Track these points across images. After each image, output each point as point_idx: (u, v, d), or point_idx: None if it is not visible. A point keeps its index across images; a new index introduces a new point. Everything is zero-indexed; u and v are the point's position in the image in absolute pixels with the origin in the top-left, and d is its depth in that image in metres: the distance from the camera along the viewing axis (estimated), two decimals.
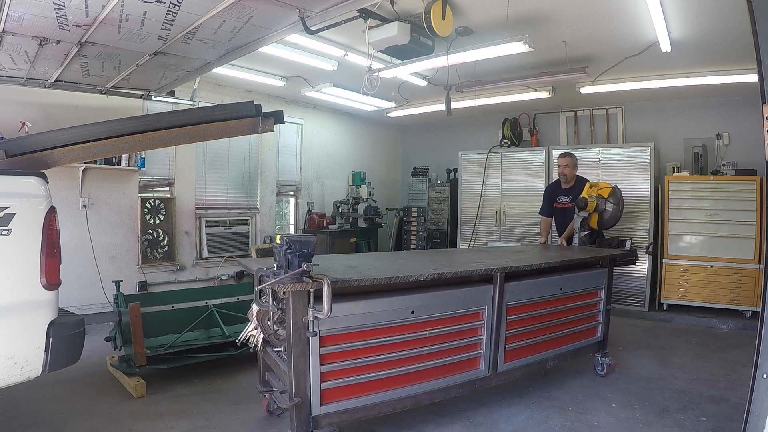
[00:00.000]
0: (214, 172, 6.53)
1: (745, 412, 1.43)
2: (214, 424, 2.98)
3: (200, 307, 4.17)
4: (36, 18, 3.13)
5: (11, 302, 2.07)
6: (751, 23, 1.47)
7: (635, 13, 3.91)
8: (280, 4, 3.07)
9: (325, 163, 8.15)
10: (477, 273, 2.96)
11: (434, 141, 9.08)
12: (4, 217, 2.04)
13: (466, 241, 7.55)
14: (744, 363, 4.15)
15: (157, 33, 3.49)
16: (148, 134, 2.72)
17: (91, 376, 3.65)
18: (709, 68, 5.12)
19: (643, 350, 4.59)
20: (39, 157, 2.46)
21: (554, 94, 6.25)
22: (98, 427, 2.88)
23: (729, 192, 5.61)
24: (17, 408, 3.07)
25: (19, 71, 4.39)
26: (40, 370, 2.16)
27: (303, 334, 2.35)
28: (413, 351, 2.75)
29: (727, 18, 3.85)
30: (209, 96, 6.22)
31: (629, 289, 6.17)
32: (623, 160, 6.21)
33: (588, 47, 4.80)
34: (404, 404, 2.76)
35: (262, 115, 2.93)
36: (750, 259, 5.51)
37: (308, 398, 2.41)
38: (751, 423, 1.40)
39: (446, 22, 3.75)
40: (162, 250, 5.87)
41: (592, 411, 3.20)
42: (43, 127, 4.18)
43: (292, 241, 2.25)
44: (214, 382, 3.64)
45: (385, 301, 2.64)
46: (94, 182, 5.22)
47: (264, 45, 3.94)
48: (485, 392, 3.41)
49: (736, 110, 6.02)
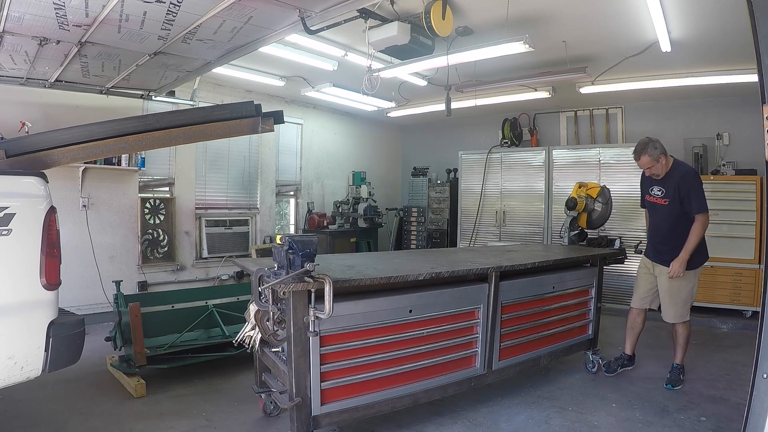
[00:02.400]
0: (214, 172, 6.52)
1: (745, 412, 1.43)
2: (214, 424, 2.98)
3: (200, 307, 4.17)
4: (36, 18, 3.13)
5: (11, 302, 2.07)
6: (751, 23, 1.47)
7: (635, 13, 3.91)
8: (280, 4, 3.07)
9: (325, 163, 8.15)
10: (473, 272, 2.99)
11: (434, 141, 9.08)
12: (4, 217, 2.04)
13: (466, 241, 7.54)
14: (744, 363, 4.15)
15: (157, 33, 3.49)
16: (148, 134, 2.72)
17: (91, 376, 3.65)
18: (709, 68, 5.12)
19: (643, 350, 4.58)
20: (39, 157, 2.46)
21: (554, 94, 6.25)
22: (98, 427, 2.88)
23: (729, 192, 5.60)
24: (17, 408, 3.07)
25: (19, 71, 4.39)
26: (40, 370, 2.15)
27: (303, 334, 2.35)
28: (411, 350, 2.77)
29: (727, 18, 3.85)
30: (209, 96, 6.22)
31: (629, 289, 6.15)
32: (623, 160, 6.20)
33: (588, 47, 4.79)
34: (403, 403, 2.77)
35: (262, 115, 2.93)
36: (750, 259, 5.50)
37: (308, 398, 2.42)
38: (751, 423, 1.40)
39: (446, 22, 3.75)
40: (162, 250, 5.87)
41: (592, 411, 3.20)
42: (43, 127, 4.18)
43: (295, 240, 2.25)
44: (214, 382, 3.64)
45: (384, 300, 2.65)
46: (94, 182, 5.22)
47: (264, 45, 3.94)
48: (485, 392, 3.41)
49: (736, 110, 6.02)
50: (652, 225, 3.78)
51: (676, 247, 3.47)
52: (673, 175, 3.53)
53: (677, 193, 3.47)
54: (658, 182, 3.61)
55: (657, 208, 3.67)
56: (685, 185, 3.44)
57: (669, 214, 3.57)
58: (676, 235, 3.50)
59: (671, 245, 3.53)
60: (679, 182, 3.47)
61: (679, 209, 3.50)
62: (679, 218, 3.51)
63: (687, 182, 3.45)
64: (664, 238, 3.63)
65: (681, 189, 3.46)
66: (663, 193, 3.59)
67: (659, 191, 3.62)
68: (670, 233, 3.56)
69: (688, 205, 3.45)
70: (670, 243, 3.54)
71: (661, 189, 3.61)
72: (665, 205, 3.58)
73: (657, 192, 3.64)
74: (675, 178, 3.50)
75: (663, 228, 3.64)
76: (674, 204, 3.51)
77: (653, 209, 3.73)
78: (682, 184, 3.45)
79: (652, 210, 3.75)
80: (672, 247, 3.51)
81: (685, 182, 3.45)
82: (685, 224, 3.48)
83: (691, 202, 3.43)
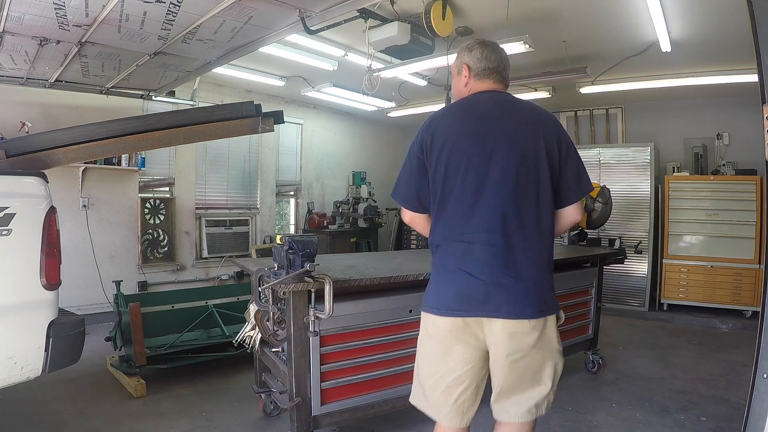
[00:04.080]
0: (214, 172, 6.52)
1: (745, 412, 1.43)
2: (215, 423, 2.98)
3: (200, 307, 4.16)
4: (36, 18, 3.13)
5: (11, 302, 2.07)
6: (751, 23, 1.47)
7: (635, 13, 3.91)
8: (280, 4, 3.07)
9: (325, 163, 8.14)
10: None
11: None
12: (4, 217, 2.04)
13: None
14: (744, 363, 4.15)
15: (157, 33, 3.49)
16: (148, 134, 2.71)
17: (91, 376, 3.65)
18: (709, 68, 5.12)
19: (643, 350, 4.59)
20: (39, 157, 2.46)
21: (554, 94, 6.24)
22: (98, 427, 2.88)
23: (729, 192, 5.61)
24: (17, 408, 3.06)
25: (19, 71, 4.38)
26: (40, 370, 2.15)
27: (303, 334, 2.35)
28: (411, 350, 2.74)
29: (727, 18, 3.85)
30: (209, 96, 6.21)
31: (629, 289, 6.17)
32: (623, 160, 6.21)
33: (588, 47, 4.79)
34: (403, 403, 2.74)
35: (262, 115, 2.93)
36: (750, 259, 5.50)
37: (309, 398, 2.42)
38: (751, 423, 1.40)
39: (446, 22, 3.75)
40: (162, 250, 5.87)
41: (592, 411, 3.20)
42: (43, 127, 4.18)
43: (295, 240, 2.25)
44: (214, 382, 3.64)
45: (384, 300, 2.64)
46: (94, 182, 5.21)
47: (264, 45, 3.94)
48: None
49: (736, 110, 6.01)
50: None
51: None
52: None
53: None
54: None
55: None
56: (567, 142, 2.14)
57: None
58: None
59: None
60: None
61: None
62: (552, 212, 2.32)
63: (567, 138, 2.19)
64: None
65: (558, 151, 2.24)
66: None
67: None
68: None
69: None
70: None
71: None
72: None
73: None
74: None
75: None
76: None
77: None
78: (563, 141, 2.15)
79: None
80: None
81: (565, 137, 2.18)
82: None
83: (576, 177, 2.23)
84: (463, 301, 1.63)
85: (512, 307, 1.60)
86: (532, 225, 1.66)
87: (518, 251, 1.63)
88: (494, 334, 1.62)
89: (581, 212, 1.87)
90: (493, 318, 1.61)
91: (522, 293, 1.62)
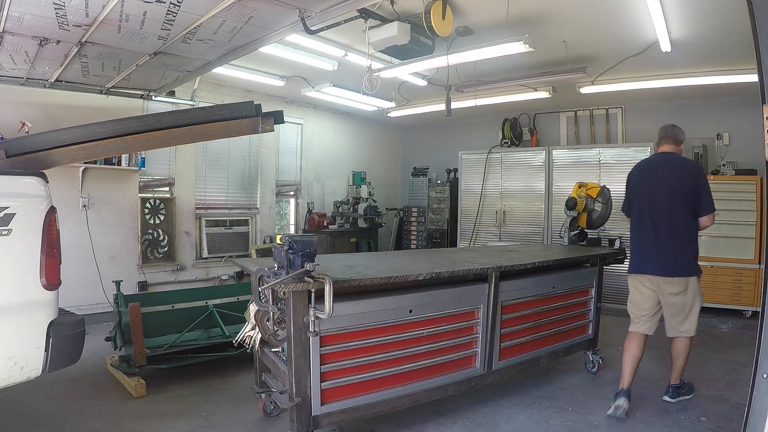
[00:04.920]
0: (214, 172, 6.52)
1: (745, 412, 1.43)
2: (215, 423, 2.98)
3: (200, 307, 4.17)
4: (36, 18, 3.13)
5: (11, 302, 2.07)
6: (751, 23, 1.47)
7: (635, 13, 3.91)
8: (280, 4, 3.07)
9: (325, 163, 8.15)
10: (473, 272, 2.98)
11: (434, 141, 9.08)
12: (4, 217, 2.04)
13: (467, 241, 7.54)
14: (744, 363, 4.15)
15: (157, 33, 3.49)
16: (148, 134, 2.72)
17: (91, 376, 3.65)
18: (709, 68, 5.12)
19: None
20: (39, 157, 2.46)
21: (554, 94, 6.24)
22: (98, 427, 2.88)
23: (729, 192, 5.59)
24: (17, 408, 3.07)
25: (19, 71, 4.39)
26: (40, 370, 2.15)
27: (303, 334, 2.35)
28: (411, 350, 2.77)
29: (727, 18, 3.85)
30: (209, 96, 6.22)
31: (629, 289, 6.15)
32: (623, 160, 6.20)
33: (588, 47, 4.79)
34: (403, 403, 2.77)
35: (262, 115, 2.93)
36: (750, 259, 5.50)
37: (309, 398, 2.42)
38: (751, 423, 1.40)
39: (446, 22, 3.75)
40: (162, 250, 5.87)
41: (592, 411, 3.20)
42: (43, 127, 4.17)
43: (295, 240, 2.25)
44: (214, 382, 3.64)
45: (384, 300, 2.65)
46: (94, 182, 5.22)
47: (264, 45, 3.94)
48: (485, 392, 3.41)
49: (736, 110, 6.02)
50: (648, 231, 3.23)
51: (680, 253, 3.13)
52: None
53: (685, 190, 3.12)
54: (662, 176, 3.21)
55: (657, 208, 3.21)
56: (698, 182, 3.13)
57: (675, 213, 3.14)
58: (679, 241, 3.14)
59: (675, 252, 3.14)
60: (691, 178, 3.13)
61: (685, 208, 3.12)
62: (688, 219, 3.14)
63: (699, 179, 3.15)
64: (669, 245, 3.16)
65: (691, 185, 3.11)
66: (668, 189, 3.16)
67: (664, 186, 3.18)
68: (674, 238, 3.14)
69: (697, 204, 3.12)
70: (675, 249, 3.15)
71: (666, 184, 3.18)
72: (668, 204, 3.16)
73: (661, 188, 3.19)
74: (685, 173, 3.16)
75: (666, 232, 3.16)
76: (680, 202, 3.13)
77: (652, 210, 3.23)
78: (696, 181, 3.12)
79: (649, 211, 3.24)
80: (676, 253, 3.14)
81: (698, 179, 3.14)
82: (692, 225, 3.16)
83: (702, 200, 3.11)
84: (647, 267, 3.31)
85: (663, 269, 3.18)
86: (674, 227, 3.15)
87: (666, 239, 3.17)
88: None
89: (711, 220, 3.17)
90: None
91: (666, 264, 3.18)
